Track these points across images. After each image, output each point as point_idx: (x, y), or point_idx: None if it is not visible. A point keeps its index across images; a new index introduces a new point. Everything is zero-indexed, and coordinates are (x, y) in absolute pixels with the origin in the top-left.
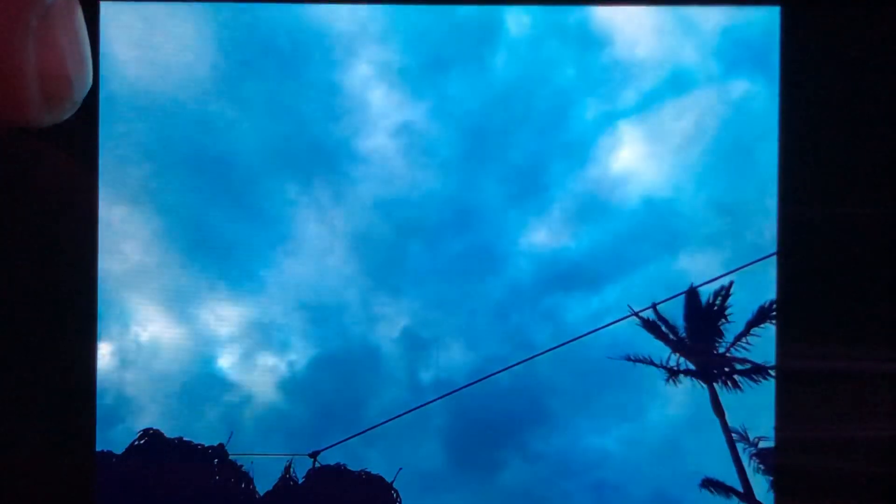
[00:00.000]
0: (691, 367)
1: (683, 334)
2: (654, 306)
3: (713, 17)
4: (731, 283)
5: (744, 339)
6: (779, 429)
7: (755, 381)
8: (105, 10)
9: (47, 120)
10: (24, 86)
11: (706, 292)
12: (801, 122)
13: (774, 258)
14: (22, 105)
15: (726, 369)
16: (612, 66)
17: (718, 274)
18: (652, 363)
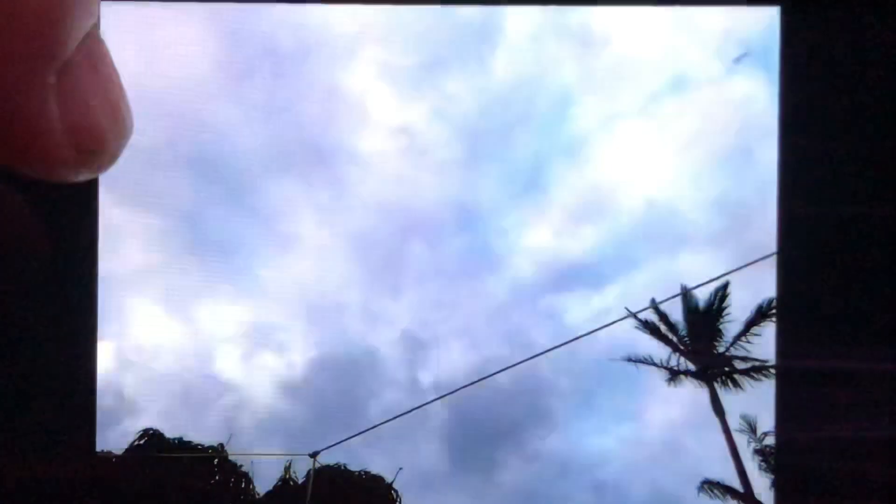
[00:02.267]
0: (691, 367)
1: (683, 334)
2: (653, 306)
3: (713, 17)
4: (727, 284)
5: (743, 339)
6: (779, 428)
7: (755, 379)
8: (105, 9)
9: (85, 174)
10: (52, 143)
11: (705, 292)
12: (801, 122)
13: (774, 258)
14: (54, 162)
15: (726, 369)
16: (612, 65)
17: (717, 274)
18: (652, 363)
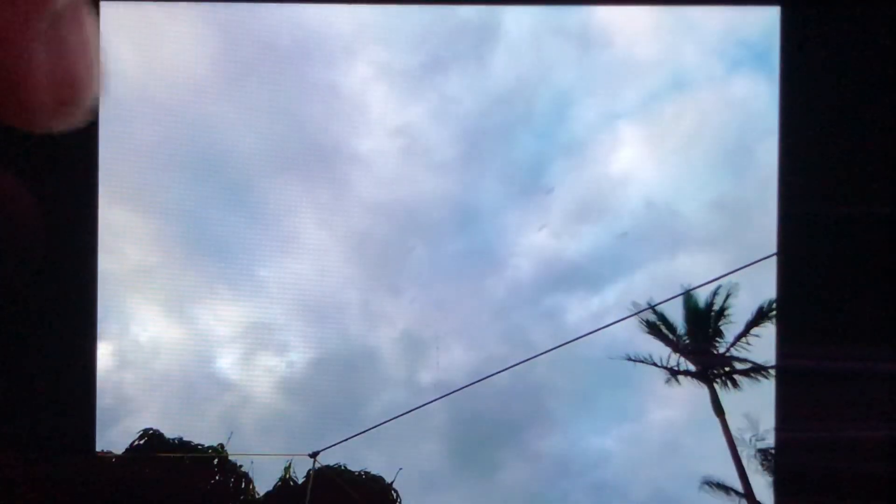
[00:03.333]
0: (691, 367)
1: (683, 335)
2: (653, 307)
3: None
4: (734, 284)
5: (743, 339)
6: (779, 429)
7: (755, 380)
8: (105, 9)
9: (61, 125)
10: (35, 90)
11: (706, 293)
12: (801, 122)
13: (774, 258)
14: (34, 110)
15: (726, 369)
16: (612, 65)
17: (718, 275)
18: (652, 363)
